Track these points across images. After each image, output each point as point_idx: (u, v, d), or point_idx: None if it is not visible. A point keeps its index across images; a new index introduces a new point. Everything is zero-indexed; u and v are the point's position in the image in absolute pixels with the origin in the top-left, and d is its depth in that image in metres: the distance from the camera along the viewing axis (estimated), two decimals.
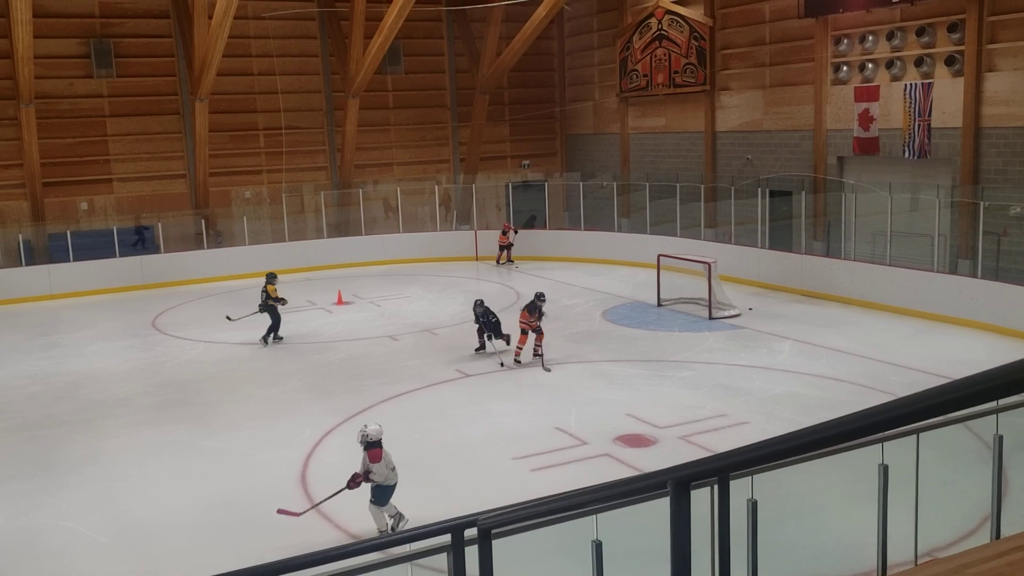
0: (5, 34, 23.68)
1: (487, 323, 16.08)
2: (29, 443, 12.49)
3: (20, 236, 24.39)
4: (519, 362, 15.38)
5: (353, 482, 9.22)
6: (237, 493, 10.48)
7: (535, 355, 15.38)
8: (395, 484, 9.33)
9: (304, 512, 9.38)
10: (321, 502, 9.50)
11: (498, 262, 26.26)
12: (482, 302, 16.27)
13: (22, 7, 21.50)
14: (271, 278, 17.95)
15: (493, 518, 3.72)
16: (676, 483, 3.02)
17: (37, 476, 11.22)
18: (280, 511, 9.35)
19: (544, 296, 16.02)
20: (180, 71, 26.77)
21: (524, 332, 15.53)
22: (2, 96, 24.53)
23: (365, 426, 9.38)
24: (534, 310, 15.47)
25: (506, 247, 26.20)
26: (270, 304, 17.65)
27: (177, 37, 26.63)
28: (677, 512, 3.02)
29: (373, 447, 9.16)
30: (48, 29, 24.76)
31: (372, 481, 9.19)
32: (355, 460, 11.43)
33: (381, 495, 9.30)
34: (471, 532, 3.79)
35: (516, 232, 26.53)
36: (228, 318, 18.71)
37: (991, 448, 5.00)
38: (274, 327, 17.76)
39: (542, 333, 15.47)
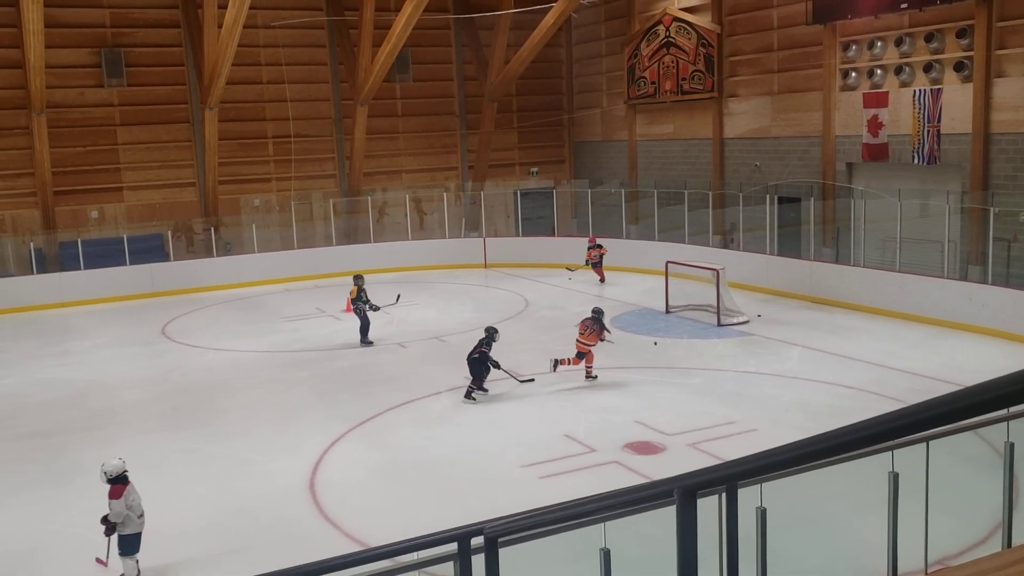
0: (17, 44, 23.87)
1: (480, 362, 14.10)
2: (40, 451, 12.54)
3: (31, 244, 24.52)
4: (595, 377, 14.58)
5: (106, 527, 8.52)
6: (246, 501, 10.49)
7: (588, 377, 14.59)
8: (137, 533, 8.49)
9: (107, 561, 8.73)
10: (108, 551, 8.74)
11: (602, 280, 23.92)
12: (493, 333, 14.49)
13: (34, 18, 21.66)
14: (354, 279, 18.16)
15: (500, 526, 3.72)
16: (682, 492, 3.01)
17: (47, 483, 11.27)
18: (97, 560, 8.86)
19: (602, 312, 15.12)
20: (190, 80, 26.91)
21: (583, 354, 14.49)
22: (14, 106, 24.70)
23: (104, 463, 8.55)
24: (592, 329, 14.42)
25: (595, 263, 24.02)
26: (357, 306, 17.89)
27: (187, 46, 26.78)
28: (683, 521, 3.01)
29: (114, 483, 8.39)
30: (60, 39, 24.94)
31: (112, 523, 8.43)
32: (364, 468, 11.47)
33: (123, 544, 8.44)
34: (478, 540, 3.79)
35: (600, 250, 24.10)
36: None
37: (1002, 455, 4.97)
38: (361, 329, 18.02)
39: (592, 355, 14.52)
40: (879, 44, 20.99)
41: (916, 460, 4.88)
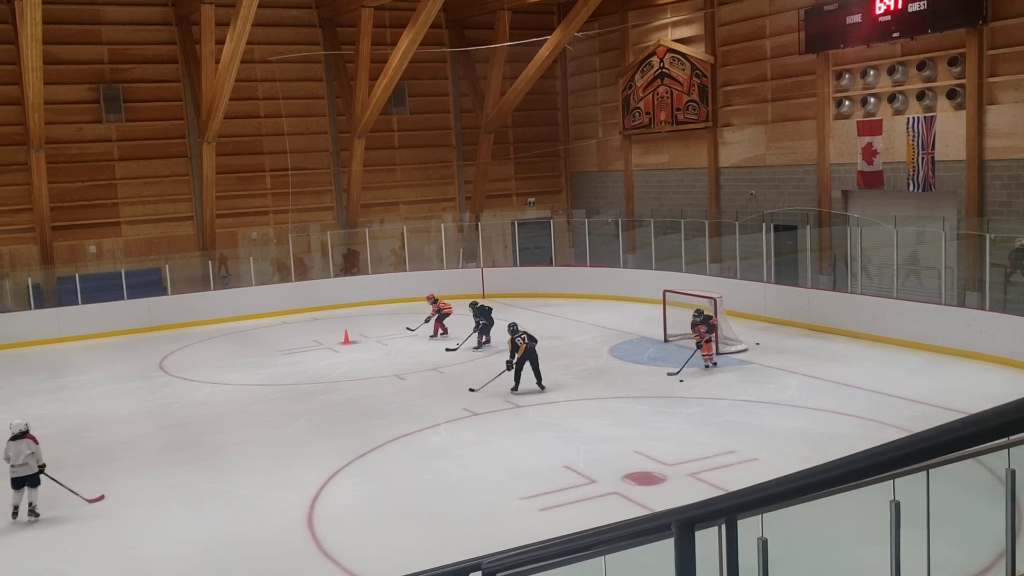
0: (16, 81, 24.03)
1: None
2: None
3: (29, 280, 24.50)
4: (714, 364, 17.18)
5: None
6: (243, 536, 10.39)
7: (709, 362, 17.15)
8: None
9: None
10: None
11: (441, 334, 21.70)
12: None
13: (33, 55, 21.82)
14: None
15: (497, 561, 3.68)
16: (680, 525, 2.98)
17: (42, 521, 11.15)
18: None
19: (700, 311, 17.62)
20: (188, 115, 27.06)
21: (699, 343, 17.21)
22: (13, 142, 24.81)
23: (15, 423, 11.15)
24: (697, 328, 17.18)
25: (439, 317, 21.77)
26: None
27: (185, 81, 26.96)
28: (681, 555, 2.98)
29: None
30: (58, 76, 25.11)
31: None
32: (362, 502, 11.38)
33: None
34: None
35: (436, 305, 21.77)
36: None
37: (1004, 482, 4.94)
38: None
39: (710, 343, 17.26)
40: (872, 73, 21.16)
41: (917, 488, 4.84)
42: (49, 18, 22.69)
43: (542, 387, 15.90)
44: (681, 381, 16.14)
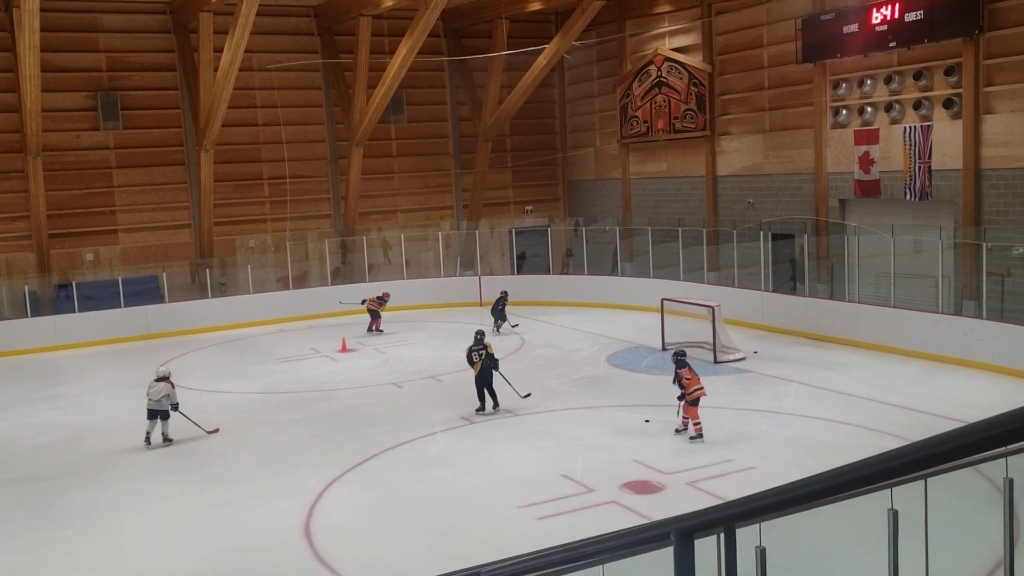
0: (14, 88, 24.05)
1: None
2: (33, 495, 12.41)
3: (26, 287, 24.46)
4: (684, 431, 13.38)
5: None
6: (241, 545, 10.37)
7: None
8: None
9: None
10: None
11: (372, 329, 23.40)
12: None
13: (31, 62, 21.86)
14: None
15: (497, 569, 3.68)
16: (680, 534, 2.98)
17: (40, 529, 11.13)
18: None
19: (683, 353, 14.04)
20: (186, 122, 27.07)
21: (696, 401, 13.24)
22: (10, 149, 24.80)
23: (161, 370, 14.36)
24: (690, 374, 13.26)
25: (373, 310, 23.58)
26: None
27: (183, 89, 26.98)
28: (681, 564, 2.98)
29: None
30: (56, 83, 25.11)
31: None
32: (360, 510, 11.36)
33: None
34: None
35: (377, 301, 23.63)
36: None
37: (1001, 491, 4.94)
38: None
39: (695, 406, 13.19)
40: (869, 82, 21.23)
41: (915, 496, 4.85)
42: (47, 26, 22.73)
43: (480, 409, 15.06)
44: (647, 422, 13.81)
